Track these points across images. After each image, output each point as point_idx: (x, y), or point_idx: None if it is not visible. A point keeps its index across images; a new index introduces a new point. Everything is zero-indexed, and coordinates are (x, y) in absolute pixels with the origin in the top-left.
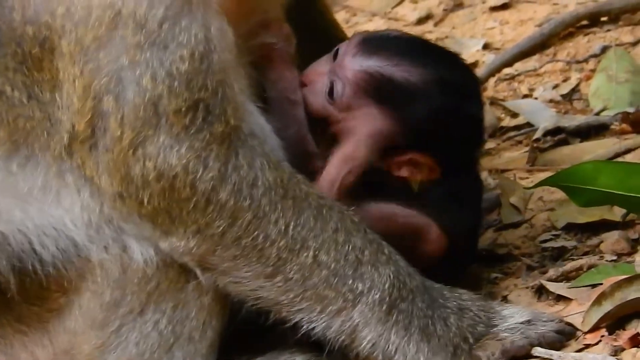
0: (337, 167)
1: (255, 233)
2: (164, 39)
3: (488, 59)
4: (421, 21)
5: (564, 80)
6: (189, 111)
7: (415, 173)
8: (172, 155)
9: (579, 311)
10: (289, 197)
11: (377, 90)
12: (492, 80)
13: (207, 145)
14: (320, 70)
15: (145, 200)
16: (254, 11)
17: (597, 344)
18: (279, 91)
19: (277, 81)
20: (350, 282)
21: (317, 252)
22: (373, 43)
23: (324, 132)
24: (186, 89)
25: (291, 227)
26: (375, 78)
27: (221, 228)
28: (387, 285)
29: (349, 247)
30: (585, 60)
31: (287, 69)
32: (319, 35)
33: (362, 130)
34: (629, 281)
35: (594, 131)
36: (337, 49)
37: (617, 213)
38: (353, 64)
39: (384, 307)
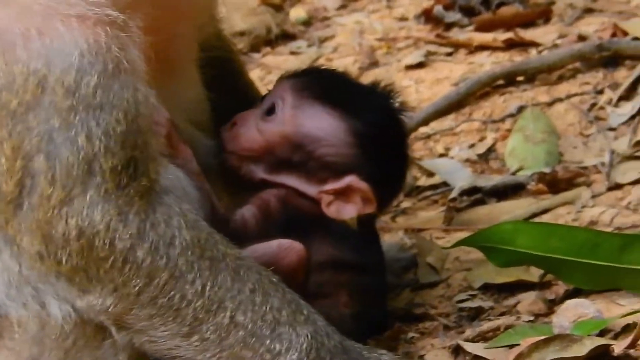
0: None
1: (172, 293)
2: (100, 102)
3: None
4: None
5: (480, 140)
6: (123, 169)
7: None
8: (97, 213)
9: None
10: (206, 257)
11: (320, 89)
12: None
13: (130, 200)
14: (247, 114)
15: (64, 260)
16: (173, 75)
17: None
18: (178, 166)
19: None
20: (267, 342)
21: (234, 313)
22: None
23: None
24: (121, 148)
25: (208, 287)
26: (316, 79)
27: (137, 287)
28: (305, 346)
29: (266, 307)
30: (502, 120)
31: (178, 142)
32: (235, 95)
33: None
34: (546, 342)
35: (511, 191)
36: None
37: (534, 274)
38: (288, 81)
39: None
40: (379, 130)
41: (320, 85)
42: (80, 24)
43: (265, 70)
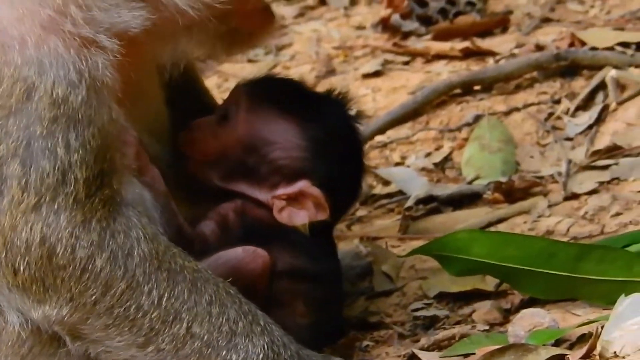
0: None
1: (128, 303)
2: (82, 116)
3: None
4: None
5: (437, 149)
6: (94, 180)
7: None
8: (63, 219)
9: None
10: (164, 269)
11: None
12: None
13: (94, 208)
14: (203, 120)
15: (22, 268)
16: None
17: None
18: (144, 184)
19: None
20: (224, 353)
21: (190, 324)
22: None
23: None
24: (95, 161)
25: (165, 298)
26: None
27: (94, 297)
28: (261, 356)
29: (223, 318)
30: (458, 129)
31: (147, 161)
32: (191, 102)
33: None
34: (501, 351)
35: (467, 200)
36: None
37: (489, 283)
38: (243, 88)
39: None
40: (332, 135)
41: (275, 91)
42: (79, 43)
43: (222, 78)
